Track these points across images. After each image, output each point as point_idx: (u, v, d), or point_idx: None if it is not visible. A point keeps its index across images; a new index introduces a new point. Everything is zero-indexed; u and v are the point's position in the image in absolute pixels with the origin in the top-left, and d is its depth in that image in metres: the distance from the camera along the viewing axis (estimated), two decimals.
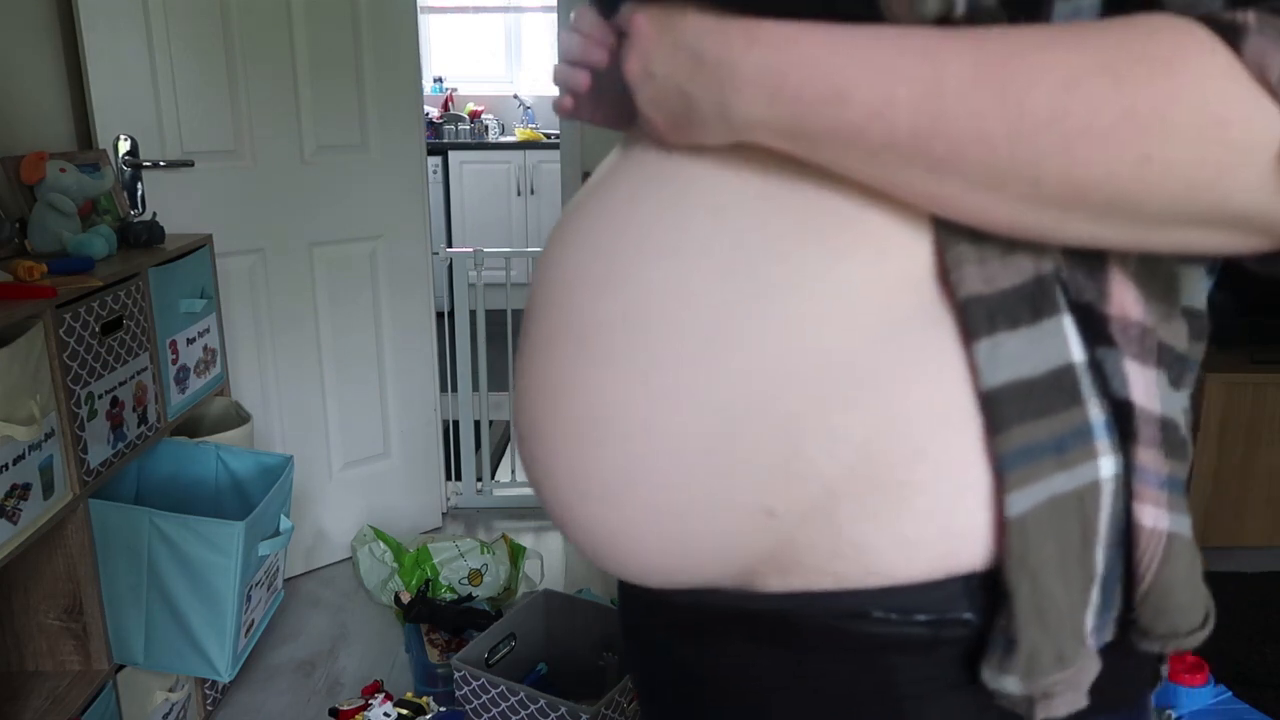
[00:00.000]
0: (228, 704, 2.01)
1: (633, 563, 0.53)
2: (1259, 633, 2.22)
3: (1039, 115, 0.38)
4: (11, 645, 1.59)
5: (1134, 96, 0.37)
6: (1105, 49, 0.38)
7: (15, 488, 1.32)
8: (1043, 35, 0.40)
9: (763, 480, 0.47)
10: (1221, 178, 0.38)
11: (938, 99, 0.40)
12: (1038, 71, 0.39)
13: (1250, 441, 2.49)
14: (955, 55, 0.40)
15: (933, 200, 0.44)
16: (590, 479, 0.51)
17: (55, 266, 1.57)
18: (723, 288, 0.47)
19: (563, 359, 0.52)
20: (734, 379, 0.47)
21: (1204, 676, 1.66)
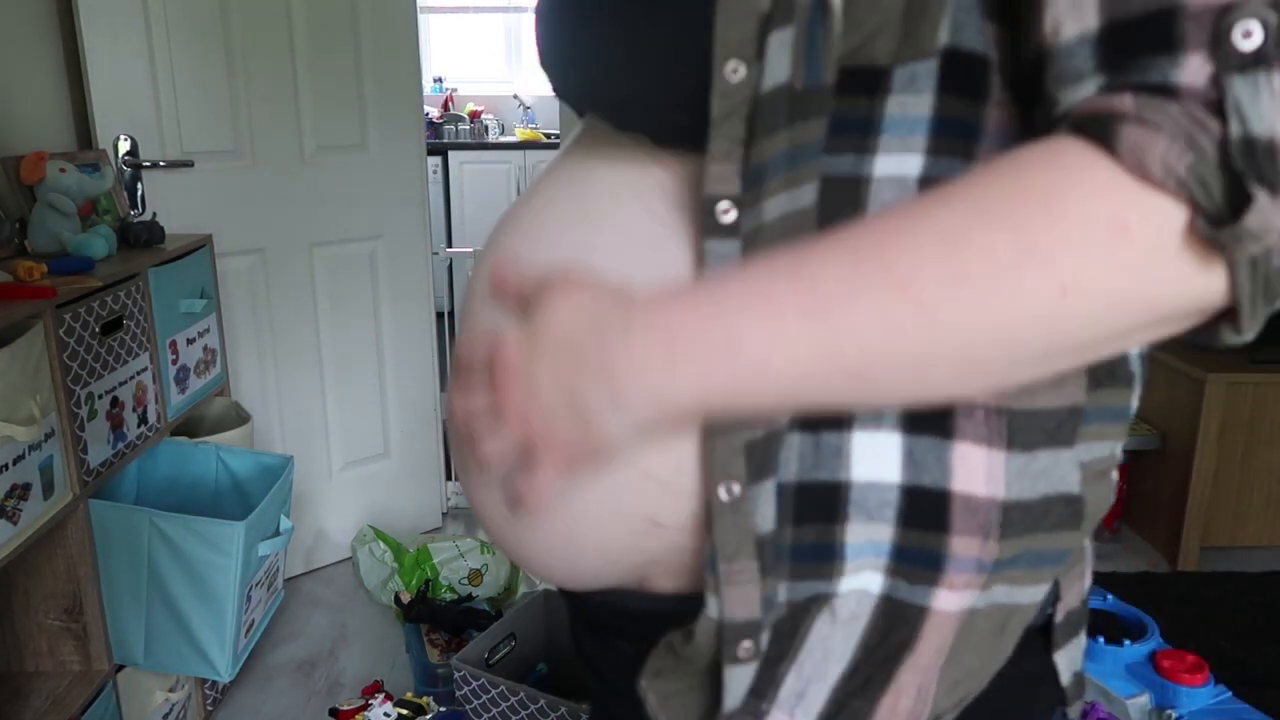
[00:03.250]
0: (228, 704, 2.01)
1: (542, 566, 0.55)
2: (1259, 633, 2.22)
3: (935, 292, 0.36)
4: (11, 645, 1.59)
5: (1026, 238, 0.35)
6: (978, 207, 0.37)
7: (15, 488, 1.32)
8: (911, 212, 0.38)
9: (647, 492, 0.48)
10: (1140, 282, 0.36)
11: (824, 316, 0.38)
12: (917, 250, 0.37)
13: (1250, 441, 2.49)
14: (828, 264, 0.38)
15: (871, 398, 0.41)
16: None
17: (55, 266, 1.57)
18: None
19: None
20: None
21: (1204, 676, 1.66)
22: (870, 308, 0.37)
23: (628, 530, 0.50)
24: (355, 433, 2.59)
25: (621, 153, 0.52)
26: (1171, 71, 0.35)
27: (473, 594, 2.28)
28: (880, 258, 0.37)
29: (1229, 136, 0.34)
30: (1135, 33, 0.36)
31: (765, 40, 0.41)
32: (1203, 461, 2.46)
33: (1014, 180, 0.37)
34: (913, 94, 0.42)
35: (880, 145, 0.43)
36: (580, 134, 0.58)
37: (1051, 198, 0.36)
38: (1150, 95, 0.36)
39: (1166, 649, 1.73)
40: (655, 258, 0.48)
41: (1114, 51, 0.37)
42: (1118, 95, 0.36)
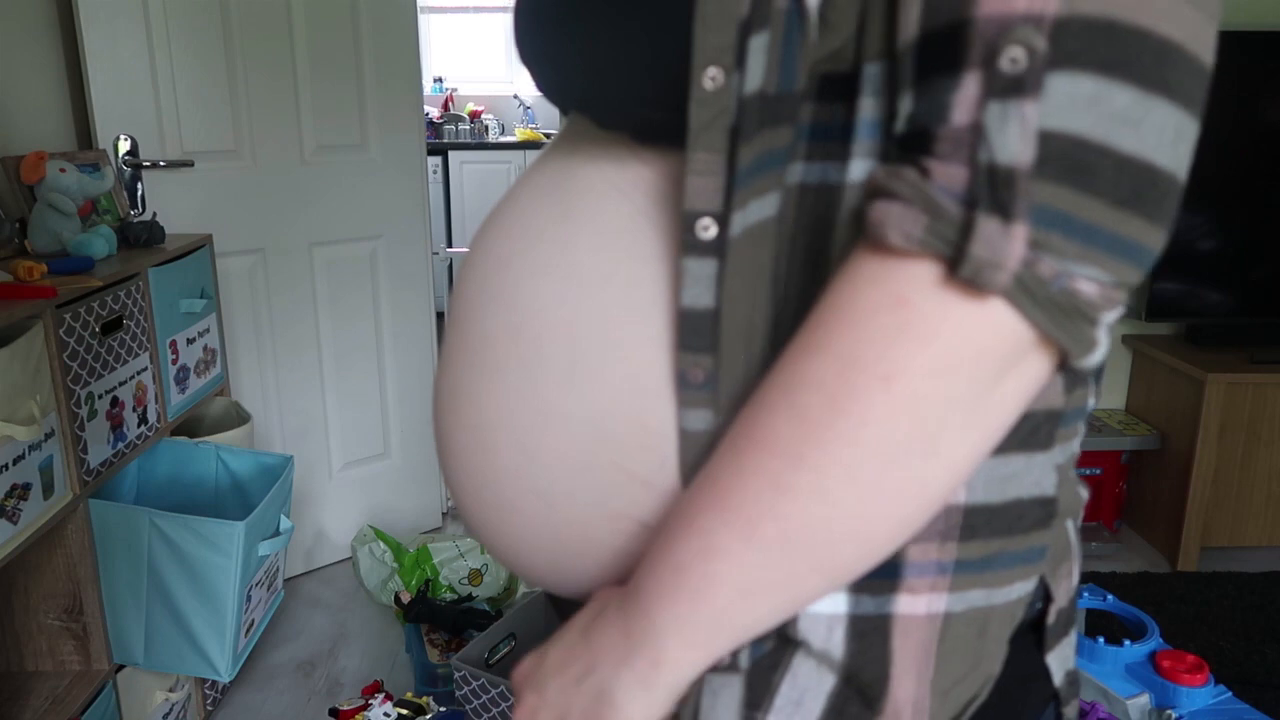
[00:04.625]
0: (228, 704, 2.01)
1: (530, 569, 0.54)
2: (1259, 633, 2.22)
3: (806, 468, 0.39)
4: (11, 645, 1.59)
5: (840, 359, 0.38)
6: (803, 355, 0.39)
7: (15, 488, 1.32)
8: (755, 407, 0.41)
9: (634, 494, 0.47)
10: (947, 344, 0.37)
11: (749, 532, 0.41)
12: (762, 441, 0.40)
13: (1250, 441, 2.49)
14: (722, 458, 0.42)
15: (839, 570, 0.42)
16: (487, 487, 0.52)
17: (55, 266, 1.57)
18: (589, 306, 0.47)
19: (460, 369, 0.54)
20: (600, 395, 0.46)
21: (1204, 676, 1.66)
22: (757, 484, 0.40)
23: (616, 533, 0.49)
24: (355, 433, 2.59)
25: (604, 149, 0.51)
26: (949, 94, 0.36)
27: (473, 594, 2.28)
28: (748, 437, 0.41)
29: (977, 163, 0.35)
30: (936, 44, 0.36)
31: (745, 46, 0.40)
32: (1203, 461, 2.46)
33: (820, 307, 0.40)
34: (871, 96, 0.41)
35: (854, 151, 0.42)
36: (564, 130, 0.57)
37: (844, 305, 0.38)
38: (897, 162, 0.37)
39: (1166, 649, 1.73)
40: (638, 254, 0.47)
41: (921, 63, 0.37)
42: (876, 169, 0.39)
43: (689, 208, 0.43)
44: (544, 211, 0.52)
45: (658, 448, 0.46)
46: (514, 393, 0.50)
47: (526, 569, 0.54)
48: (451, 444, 0.55)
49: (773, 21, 0.40)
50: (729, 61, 0.41)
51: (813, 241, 0.43)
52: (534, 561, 0.53)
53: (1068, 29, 0.34)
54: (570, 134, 0.55)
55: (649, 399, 0.46)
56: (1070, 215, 0.34)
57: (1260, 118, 2.51)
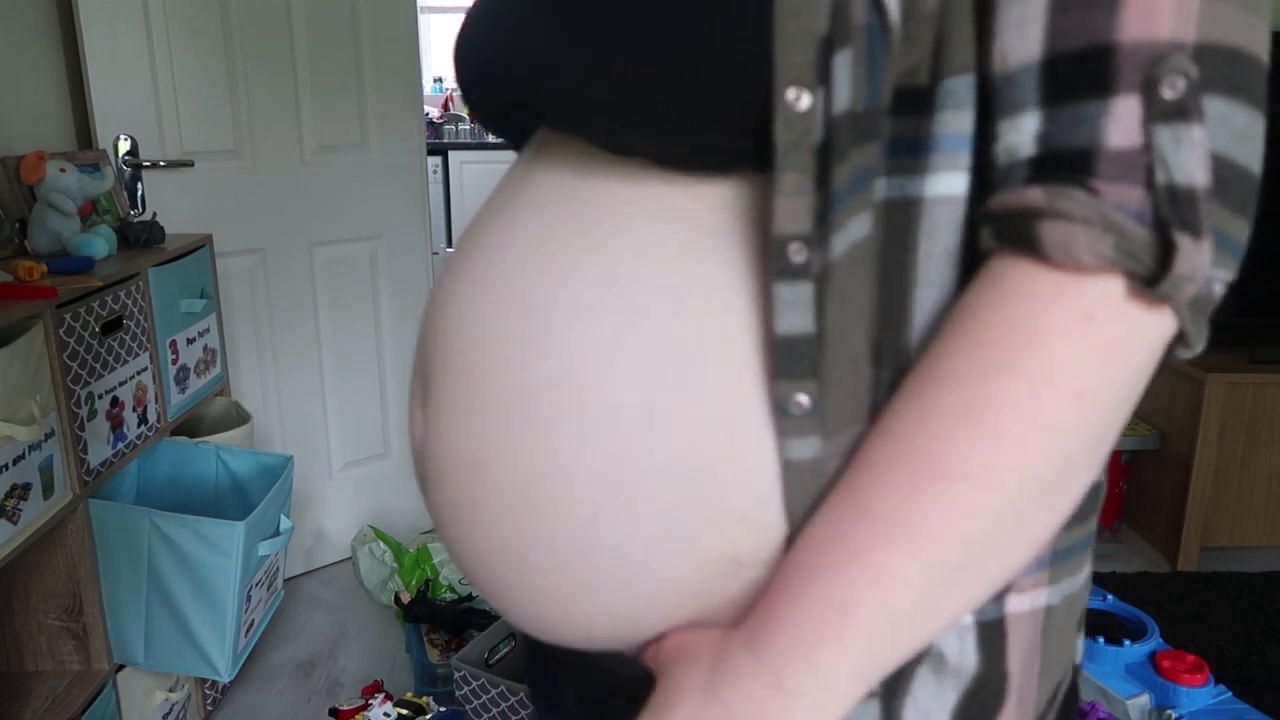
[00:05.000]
0: (228, 704, 2.01)
1: (565, 623, 0.49)
2: (1259, 633, 2.22)
3: (989, 463, 0.39)
4: (11, 645, 1.59)
5: (1024, 377, 0.38)
6: (966, 377, 0.39)
7: (15, 488, 1.32)
8: (916, 406, 0.40)
9: (729, 532, 0.44)
10: (1124, 352, 0.39)
11: (908, 540, 0.39)
12: (949, 439, 0.39)
13: (1250, 441, 2.49)
14: (879, 491, 0.40)
15: (994, 572, 0.42)
16: (534, 551, 0.47)
17: (55, 266, 1.57)
18: (654, 346, 0.44)
19: (487, 429, 0.47)
20: (683, 435, 0.44)
21: (1204, 676, 1.66)
22: (940, 510, 0.39)
23: (704, 575, 0.45)
24: (355, 433, 2.59)
25: (617, 173, 0.47)
26: (1099, 117, 0.37)
27: (473, 594, 2.28)
28: (921, 462, 0.39)
29: (1155, 185, 0.37)
30: (1072, 67, 0.38)
31: (829, 64, 0.39)
32: (1203, 461, 2.46)
33: (982, 327, 0.39)
34: (954, 110, 0.41)
35: (930, 165, 0.42)
36: (535, 149, 0.52)
37: (1025, 325, 0.38)
38: (1061, 183, 0.38)
39: (1166, 649, 1.73)
40: (697, 288, 0.44)
41: (1052, 84, 0.38)
42: (1027, 190, 0.39)
43: (780, 231, 0.41)
44: (564, 247, 0.47)
45: (754, 481, 0.44)
46: (574, 446, 0.45)
47: (576, 629, 0.49)
48: (476, 514, 0.49)
49: (854, 38, 0.39)
50: (810, 80, 0.39)
51: (891, 256, 0.42)
52: (573, 615, 0.48)
53: (1204, 55, 0.37)
54: (553, 154, 0.50)
55: (739, 433, 0.43)
56: (1217, 226, 0.38)
57: None
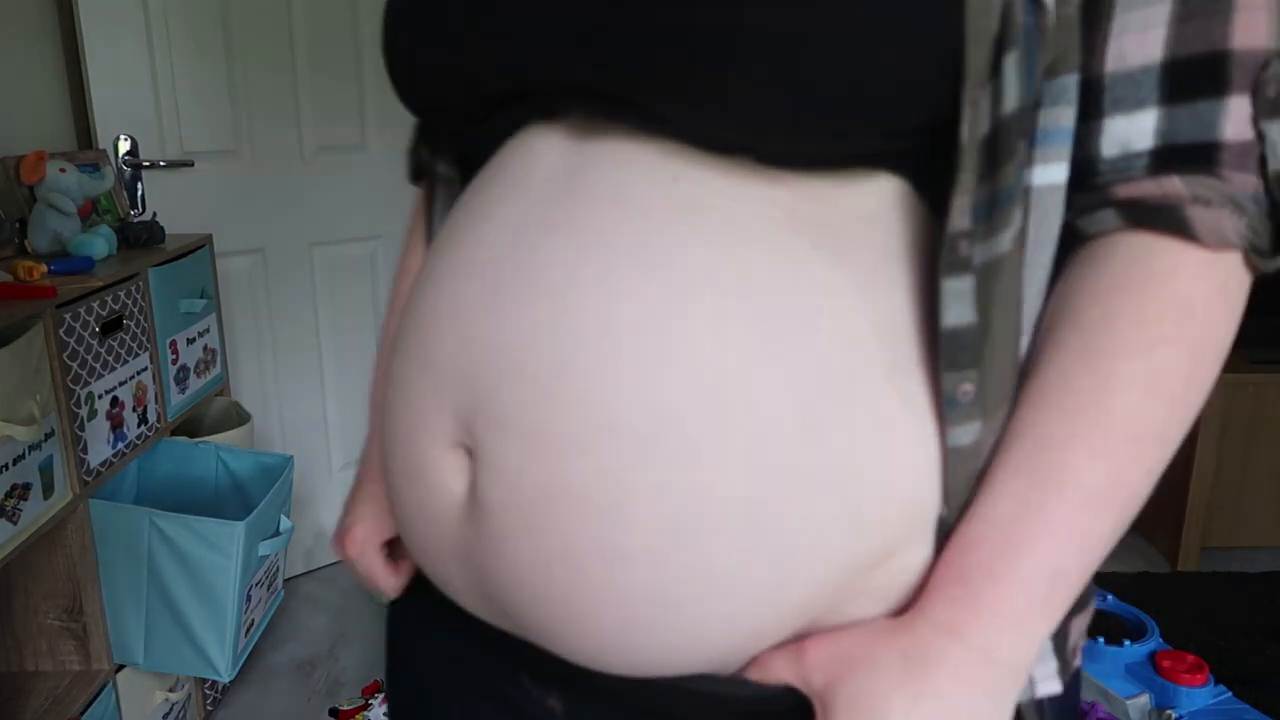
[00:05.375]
0: (228, 704, 2.01)
1: (685, 656, 0.46)
2: (1259, 633, 2.22)
3: (1165, 417, 0.44)
4: (11, 645, 1.59)
5: (1187, 341, 0.44)
6: (1134, 343, 0.44)
7: (15, 488, 1.32)
8: (1093, 374, 0.44)
9: (886, 531, 0.45)
10: (1237, 317, 0.46)
11: (1107, 506, 0.44)
12: (1127, 403, 0.44)
13: (1250, 441, 2.49)
14: (1073, 460, 0.44)
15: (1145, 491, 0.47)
16: (683, 584, 0.44)
17: (55, 266, 1.57)
18: (805, 352, 0.43)
19: (616, 462, 0.42)
20: (842, 440, 0.43)
21: (1204, 676, 1.66)
22: (1136, 473, 0.44)
23: (855, 570, 0.45)
24: (355, 433, 2.59)
25: (705, 169, 0.44)
26: (1217, 112, 0.43)
27: None
28: (1111, 429, 0.44)
29: (1269, 174, 0.43)
30: (1193, 70, 0.43)
31: (1001, 64, 0.40)
32: (1203, 461, 2.46)
33: (1143, 302, 0.44)
34: (1065, 106, 0.45)
35: (1041, 156, 0.45)
36: (572, 146, 0.47)
37: (1181, 300, 0.44)
38: (1192, 172, 0.43)
39: (1166, 649, 1.73)
40: (836, 289, 0.44)
41: (1174, 84, 0.43)
42: (1162, 179, 0.44)
43: (955, 229, 0.42)
44: (681, 254, 0.43)
45: (913, 471, 0.45)
46: (731, 467, 0.42)
47: (653, 656, 0.46)
48: (589, 559, 0.44)
49: (1018, 38, 0.41)
50: (985, 78, 0.40)
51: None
52: (693, 643, 0.45)
53: None
54: (614, 152, 0.45)
55: (898, 428, 0.44)
56: None
57: None
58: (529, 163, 0.48)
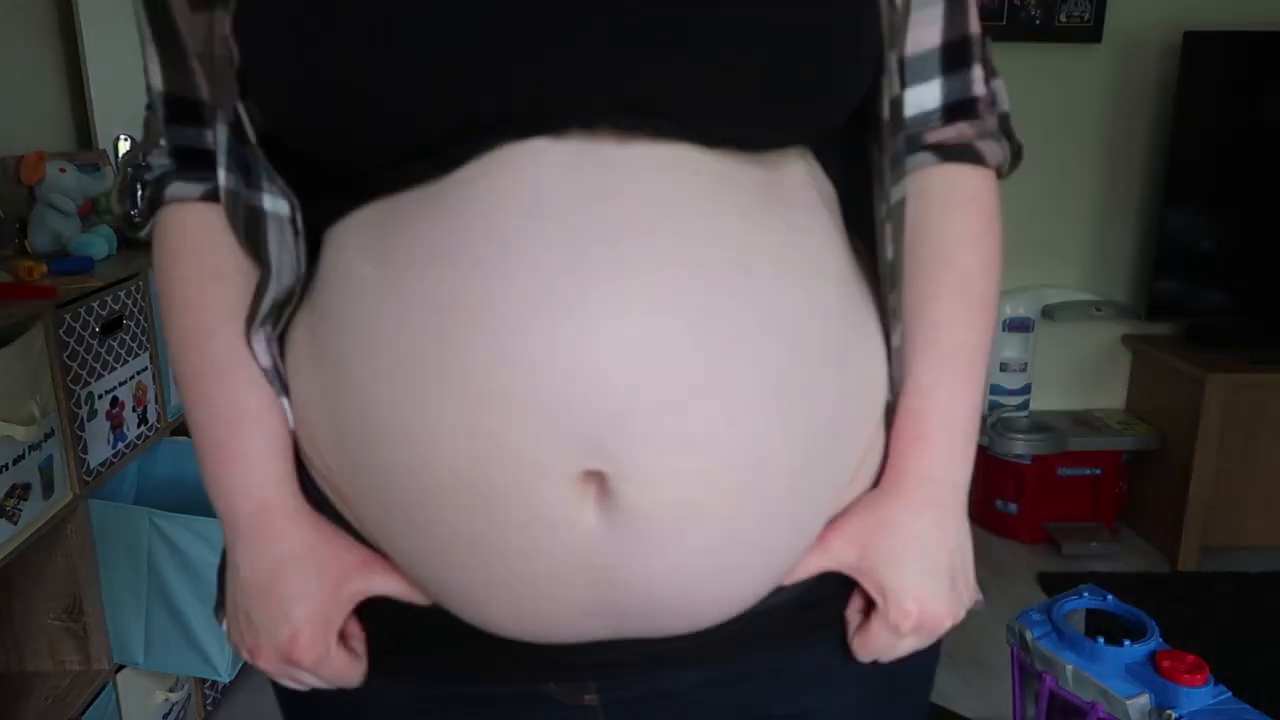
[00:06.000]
0: (228, 704, 2.01)
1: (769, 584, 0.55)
2: (1259, 633, 2.22)
3: (988, 307, 0.61)
4: (11, 645, 1.59)
5: (992, 243, 0.62)
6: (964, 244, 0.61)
7: (15, 488, 1.32)
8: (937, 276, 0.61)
9: (881, 423, 0.59)
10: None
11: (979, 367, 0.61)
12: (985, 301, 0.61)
13: (1250, 441, 2.49)
14: (965, 329, 0.60)
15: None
16: (800, 534, 0.55)
17: (55, 266, 1.57)
18: (859, 307, 0.56)
19: (749, 431, 0.48)
20: (877, 366, 0.57)
21: (1204, 676, 1.66)
22: (986, 325, 0.61)
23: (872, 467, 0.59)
24: None
25: (748, 164, 0.50)
26: (970, 78, 0.61)
27: None
28: (972, 302, 0.60)
29: (998, 115, 0.63)
30: (954, 50, 0.60)
31: (888, 58, 0.54)
32: (1203, 461, 2.46)
33: (966, 213, 0.61)
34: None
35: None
36: (610, 160, 0.47)
37: (985, 209, 0.62)
38: (967, 119, 0.61)
39: (1166, 649, 1.73)
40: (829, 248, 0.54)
41: (946, 61, 0.60)
42: (958, 126, 0.61)
43: (884, 184, 0.55)
44: (738, 237, 0.49)
45: (883, 377, 0.58)
46: (823, 410, 0.52)
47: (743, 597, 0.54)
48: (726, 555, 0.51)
49: (893, 38, 0.54)
50: (888, 70, 0.54)
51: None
52: (777, 577, 0.55)
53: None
54: (659, 161, 0.47)
55: (876, 348, 0.57)
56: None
57: (1260, 118, 2.51)
58: (532, 180, 0.46)
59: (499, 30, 0.44)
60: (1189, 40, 2.44)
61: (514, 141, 0.47)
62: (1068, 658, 1.35)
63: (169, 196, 0.59)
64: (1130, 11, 2.59)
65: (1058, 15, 2.57)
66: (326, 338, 0.53)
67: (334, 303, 0.52)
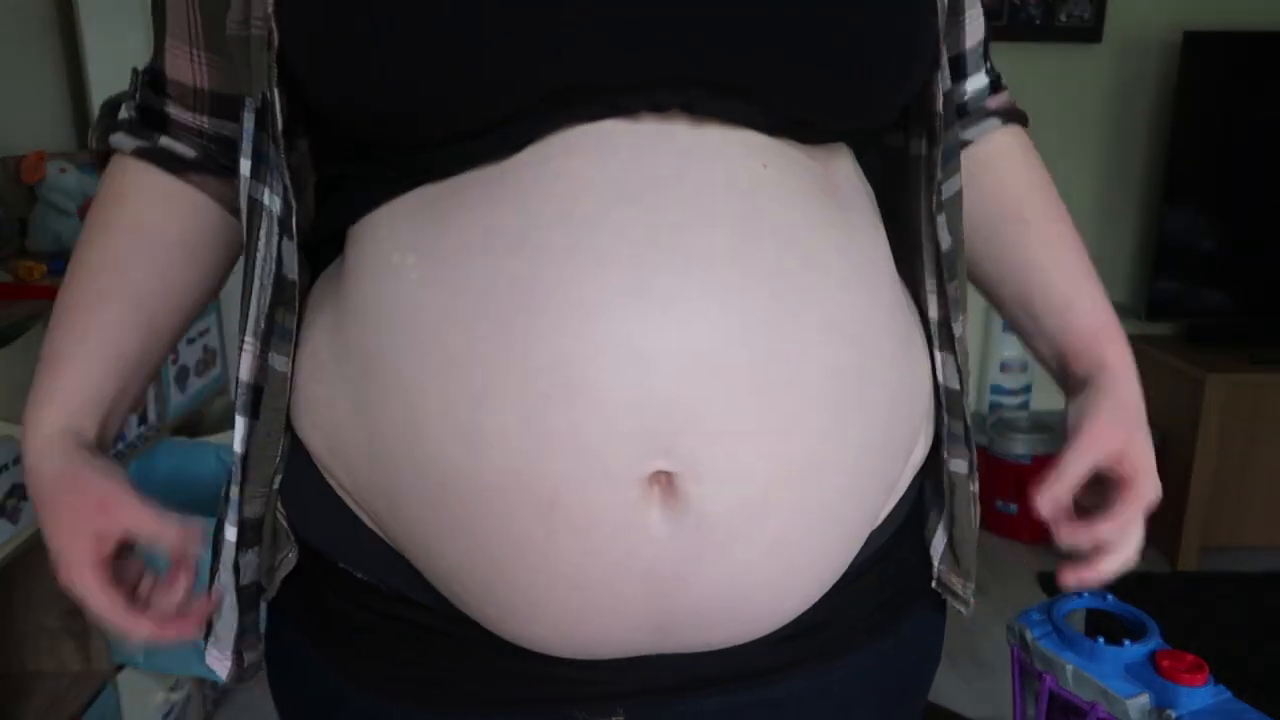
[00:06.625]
0: (228, 704, 2.01)
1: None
2: (1259, 633, 2.22)
3: (1071, 227, 0.70)
4: (11, 645, 1.59)
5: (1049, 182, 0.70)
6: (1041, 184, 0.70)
7: (15, 488, 1.32)
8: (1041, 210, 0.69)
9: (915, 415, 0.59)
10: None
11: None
12: (1068, 223, 0.69)
13: (1250, 441, 2.49)
14: (1074, 251, 0.68)
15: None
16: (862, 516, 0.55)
17: (55, 266, 1.57)
18: (900, 297, 0.57)
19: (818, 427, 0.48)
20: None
21: (1204, 676, 1.66)
22: (1076, 242, 0.69)
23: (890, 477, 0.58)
24: None
25: (799, 149, 0.50)
26: (990, 68, 0.69)
27: None
28: (1065, 232, 0.69)
29: (1006, 87, 0.70)
30: (985, 44, 0.67)
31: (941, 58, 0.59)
32: (1203, 461, 2.46)
33: (1035, 165, 0.70)
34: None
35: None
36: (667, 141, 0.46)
37: (1035, 159, 0.70)
38: (1004, 90, 0.70)
39: (1166, 649, 1.73)
40: (881, 245, 0.56)
41: (985, 53, 0.68)
42: (1001, 94, 0.70)
43: (938, 177, 0.57)
44: (804, 234, 0.49)
45: (925, 381, 0.59)
46: (885, 408, 0.53)
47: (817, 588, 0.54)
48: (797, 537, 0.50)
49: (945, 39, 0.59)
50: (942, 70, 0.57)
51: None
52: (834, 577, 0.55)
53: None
54: (721, 147, 0.47)
55: (915, 326, 0.59)
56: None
57: (1260, 118, 2.51)
58: (602, 163, 0.45)
59: (571, 2, 0.43)
60: (1189, 40, 2.44)
61: (583, 124, 0.45)
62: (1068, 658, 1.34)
63: (113, 144, 0.62)
64: (1130, 11, 2.59)
65: (1058, 15, 2.57)
66: (359, 334, 0.50)
67: (368, 297, 0.50)
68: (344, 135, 0.50)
